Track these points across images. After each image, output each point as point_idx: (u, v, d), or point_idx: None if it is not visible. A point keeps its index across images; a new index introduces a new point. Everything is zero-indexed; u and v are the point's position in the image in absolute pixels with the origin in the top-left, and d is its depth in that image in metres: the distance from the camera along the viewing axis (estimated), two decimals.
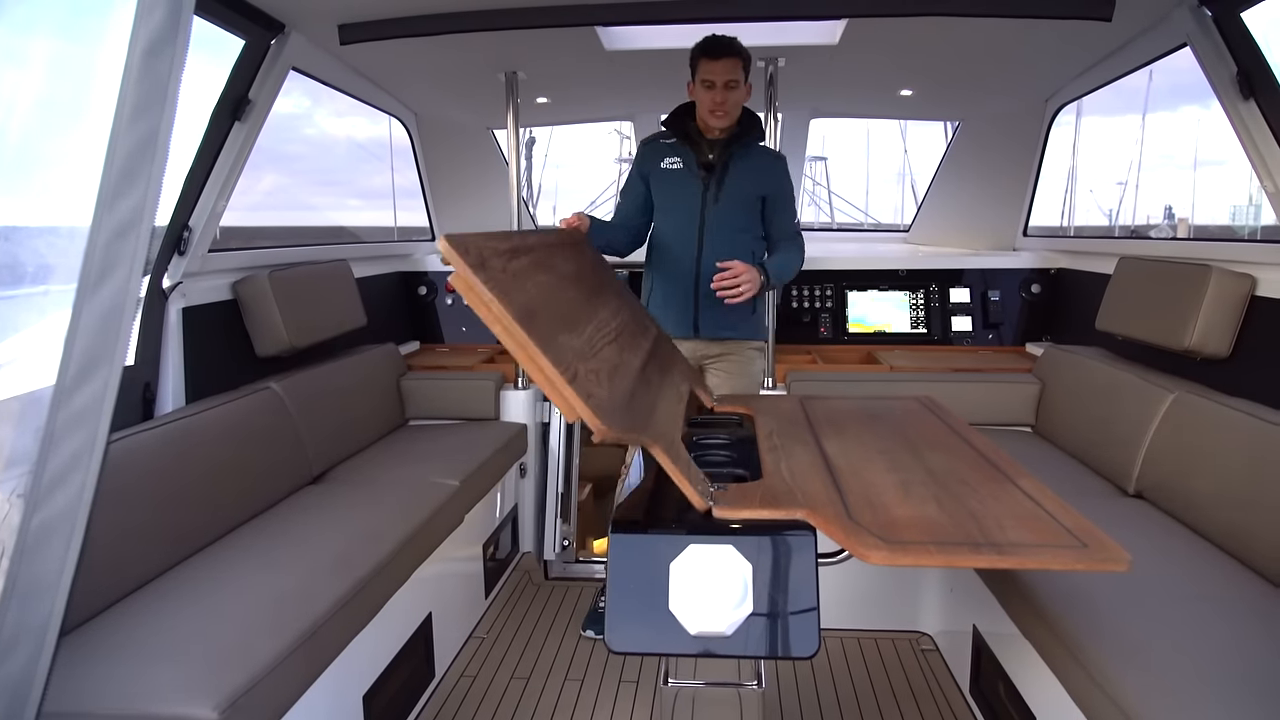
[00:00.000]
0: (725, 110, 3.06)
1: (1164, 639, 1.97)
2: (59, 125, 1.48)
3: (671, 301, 3.30)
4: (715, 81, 3.01)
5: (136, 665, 1.95)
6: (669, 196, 3.28)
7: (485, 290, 1.48)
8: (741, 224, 3.26)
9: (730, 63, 2.99)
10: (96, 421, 1.29)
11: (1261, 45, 2.61)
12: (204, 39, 2.80)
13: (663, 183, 3.28)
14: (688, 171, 3.23)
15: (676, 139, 3.25)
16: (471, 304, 1.51)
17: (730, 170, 3.20)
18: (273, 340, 3.30)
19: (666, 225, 3.30)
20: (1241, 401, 2.66)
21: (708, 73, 3.01)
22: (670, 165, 3.25)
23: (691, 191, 3.22)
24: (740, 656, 1.71)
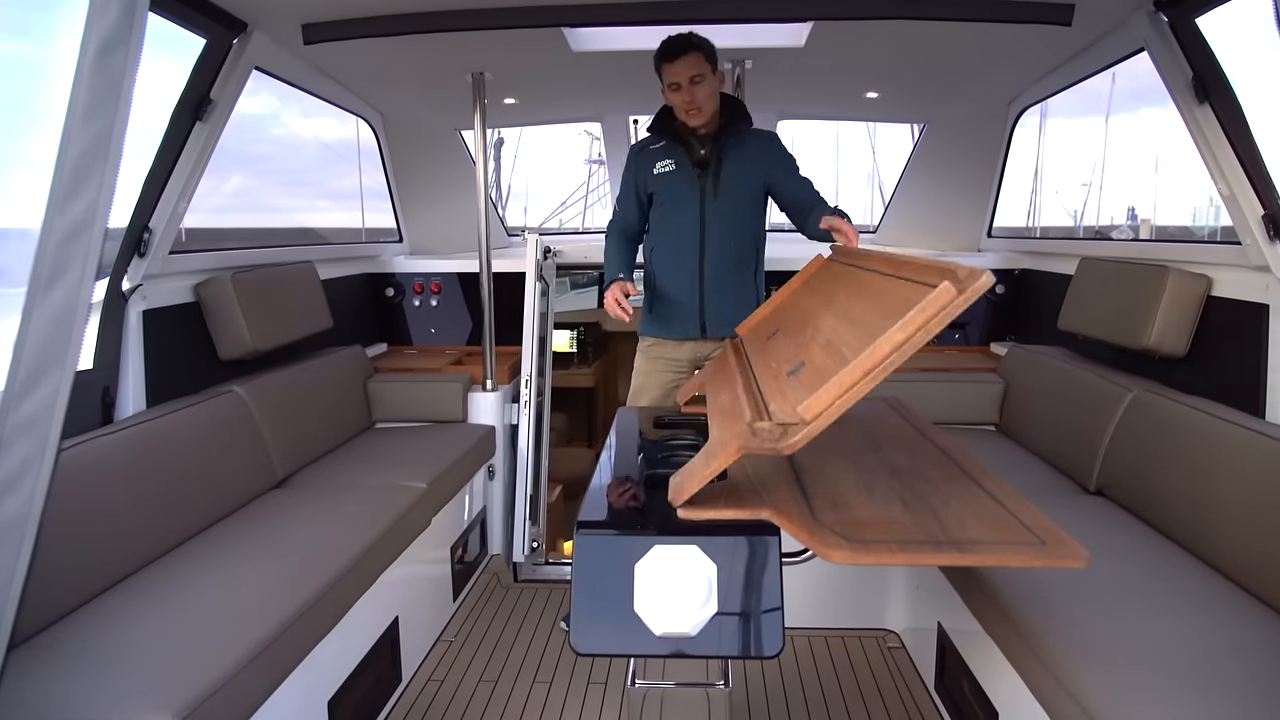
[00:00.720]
0: (698, 106, 3.02)
1: (1123, 635, 2.00)
2: (8, 125, 1.45)
3: (677, 303, 3.26)
4: (680, 82, 2.99)
5: (94, 674, 1.92)
6: (668, 200, 3.24)
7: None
8: (743, 217, 3.23)
9: (690, 59, 2.96)
10: (48, 427, 1.26)
11: (1216, 50, 2.66)
12: (166, 36, 2.76)
13: (660, 187, 3.23)
14: (682, 172, 3.19)
15: (665, 141, 3.21)
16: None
17: (725, 163, 3.16)
18: (236, 343, 3.26)
19: (667, 227, 3.26)
20: (1198, 400, 2.71)
21: (671, 75, 2.99)
22: (664, 169, 3.21)
23: (689, 191, 3.18)
24: (705, 656, 1.71)
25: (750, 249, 3.26)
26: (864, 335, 1.62)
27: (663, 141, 3.22)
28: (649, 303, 3.36)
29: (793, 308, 2.53)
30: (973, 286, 1.47)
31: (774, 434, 1.56)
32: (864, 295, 1.92)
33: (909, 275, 1.75)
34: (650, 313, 3.35)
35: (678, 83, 2.99)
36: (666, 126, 3.21)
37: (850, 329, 1.76)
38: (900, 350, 1.51)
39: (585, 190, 13.36)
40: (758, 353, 2.32)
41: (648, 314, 3.37)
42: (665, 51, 2.98)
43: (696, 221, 3.18)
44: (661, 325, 3.32)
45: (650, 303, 3.35)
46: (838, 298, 2.11)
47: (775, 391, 1.83)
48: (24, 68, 1.49)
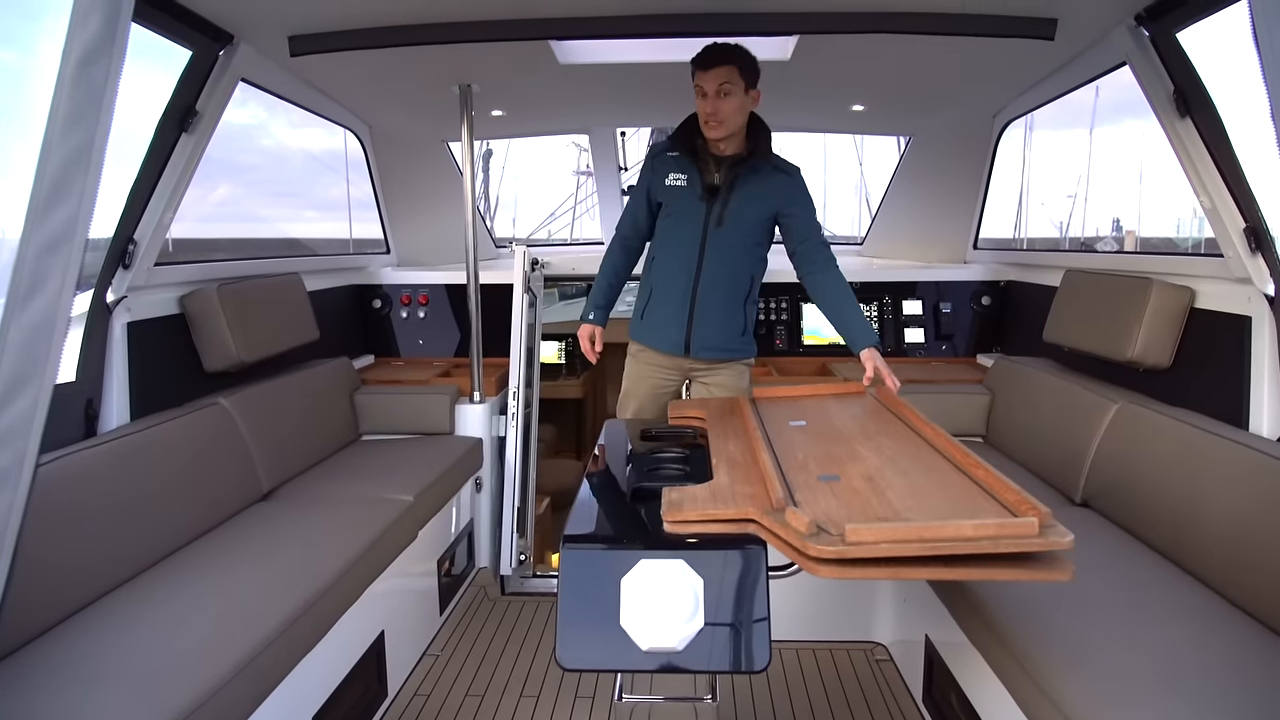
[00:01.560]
0: (718, 120, 2.97)
1: (1108, 646, 2.01)
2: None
3: (666, 318, 3.24)
4: (706, 90, 2.94)
5: (76, 690, 1.90)
6: (672, 215, 3.20)
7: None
8: (745, 247, 3.19)
9: (722, 70, 2.91)
10: (25, 440, 1.25)
11: (1197, 65, 2.69)
12: (152, 47, 2.75)
13: (667, 199, 3.19)
14: (691, 192, 3.13)
15: (681, 153, 3.16)
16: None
17: (736, 193, 3.10)
18: (221, 355, 3.24)
19: (668, 242, 3.24)
20: (1182, 411, 2.73)
21: (699, 81, 2.96)
22: (675, 182, 3.16)
23: (694, 213, 3.14)
24: (693, 671, 1.71)
25: (746, 279, 3.23)
26: (922, 503, 1.76)
27: (678, 152, 3.18)
28: (641, 308, 3.34)
29: (822, 414, 2.66)
30: (1052, 539, 1.56)
31: (809, 530, 1.63)
32: (918, 462, 2.07)
33: (985, 483, 1.87)
34: (641, 319, 3.33)
35: (704, 89, 2.95)
36: (687, 139, 3.16)
37: (900, 480, 1.91)
38: (959, 543, 1.56)
39: (574, 202, 13.36)
40: (777, 432, 2.43)
41: (639, 319, 3.35)
42: (698, 58, 2.96)
43: (696, 246, 3.15)
44: (650, 334, 3.31)
45: (643, 309, 3.33)
46: (881, 441, 2.27)
47: (801, 483, 1.94)
48: (7, 75, 1.48)
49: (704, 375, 3.34)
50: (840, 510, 1.74)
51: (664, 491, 1.88)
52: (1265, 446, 2.35)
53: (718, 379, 3.32)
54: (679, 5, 2.89)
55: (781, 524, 1.67)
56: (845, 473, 1.99)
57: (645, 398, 3.39)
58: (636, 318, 3.36)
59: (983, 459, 1.96)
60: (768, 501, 1.78)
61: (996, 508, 1.70)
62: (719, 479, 1.99)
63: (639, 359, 3.39)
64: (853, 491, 1.85)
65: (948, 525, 1.55)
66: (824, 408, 2.72)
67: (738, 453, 2.21)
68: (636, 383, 3.41)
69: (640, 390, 3.40)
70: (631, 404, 3.42)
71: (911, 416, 2.42)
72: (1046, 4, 2.79)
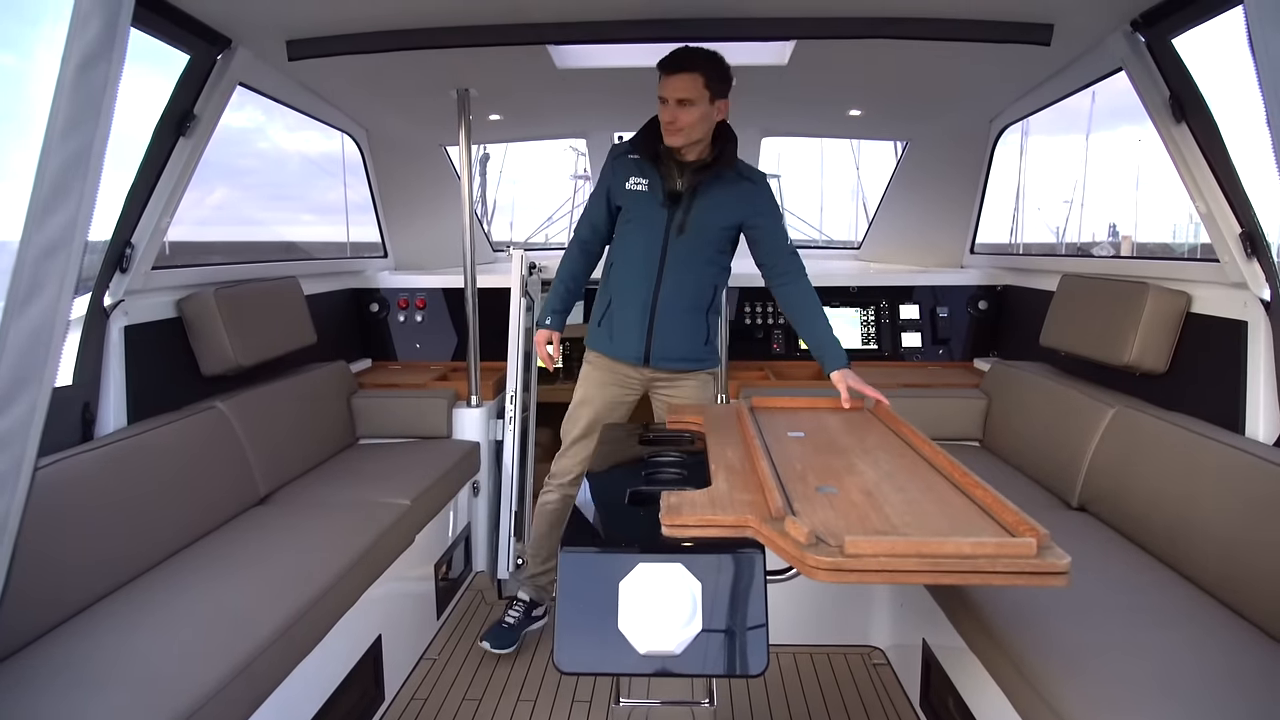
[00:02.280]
0: (677, 129, 2.86)
1: (1106, 651, 2.01)
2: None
3: (626, 328, 3.14)
4: (667, 98, 2.84)
5: (73, 692, 1.89)
6: (632, 220, 3.09)
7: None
8: (708, 256, 3.10)
9: (685, 79, 2.80)
10: (23, 444, 1.25)
11: (1193, 70, 2.70)
12: (150, 51, 2.76)
13: (628, 204, 3.08)
14: (652, 198, 3.02)
15: (643, 156, 3.04)
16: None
17: (699, 201, 3.00)
18: (218, 359, 3.24)
19: (627, 249, 3.13)
20: (1178, 415, 2.73)
21: (661, 88, 2.86)
22: (636, 186, 3.04)
23: (655, 220, 3.04)
24: (690, 675, 1.71)
25: (709, 289, 3.15)
26: (920, 519, 1.77)
27: (639, 156, 3.05)
28: (600, 315, 3.23)
29: (820, 426, 2.67)
30: (1049, 560, 1.54)
31: (808, 540, 1.63)
32: (916, 479, 2.08)
33: (983, 503, 1.86)
34: (600, 327, 3.23)
35: (664, 97, 2.86)
36: (649, 143, 3.03)
37: (898, 495, 1.93)
38: (957, 560, 1.56)
39: (571, 206, 13.37)
40: (776, 441, 2.44)
41: (597, 327, 3.24)
42: (661, 62, 2.86)
43: (657, 253, 3.05)
44: (609, 343, 3.20)
45: (601, 316, 3.22)
46: (879, 456, 2.28)
47: (799, 493, 1.95)
48: (6, 79, 1.48)
49: (665, 386, 3.25)
50: (839, 522, 1.74)
51: (662, 496, 1.88)
52: (1261, 451, 2.35)
53: (680, 391, 3.24)
54: (676, 10, 2.90)
55: (780, 533, 1.67)
56: (843, 486, 1.99)
57: (602, 408, 3.26)
58: (594, 325, 3.26)
59: (980, 467, 1.97)
60: (766, 510, 1.79)
61: (994, 527, 1.71)
62: (718, 485, 1.99)
63: (597, 367, 3.28)
64: (851, 504, 1.86)
65: (946, 542, 1.55)
66: (822, 420, 2.73)
67: (736, 460, 2.21)
68: (594, 392, 3.28)
69: (598, 400, 3.27)
70: (585, 415, 3.28)
71: (910, 434, 2.43)
72: (1043, 10, 2.80)
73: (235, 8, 2.79)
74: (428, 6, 2.83)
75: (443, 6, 2.83)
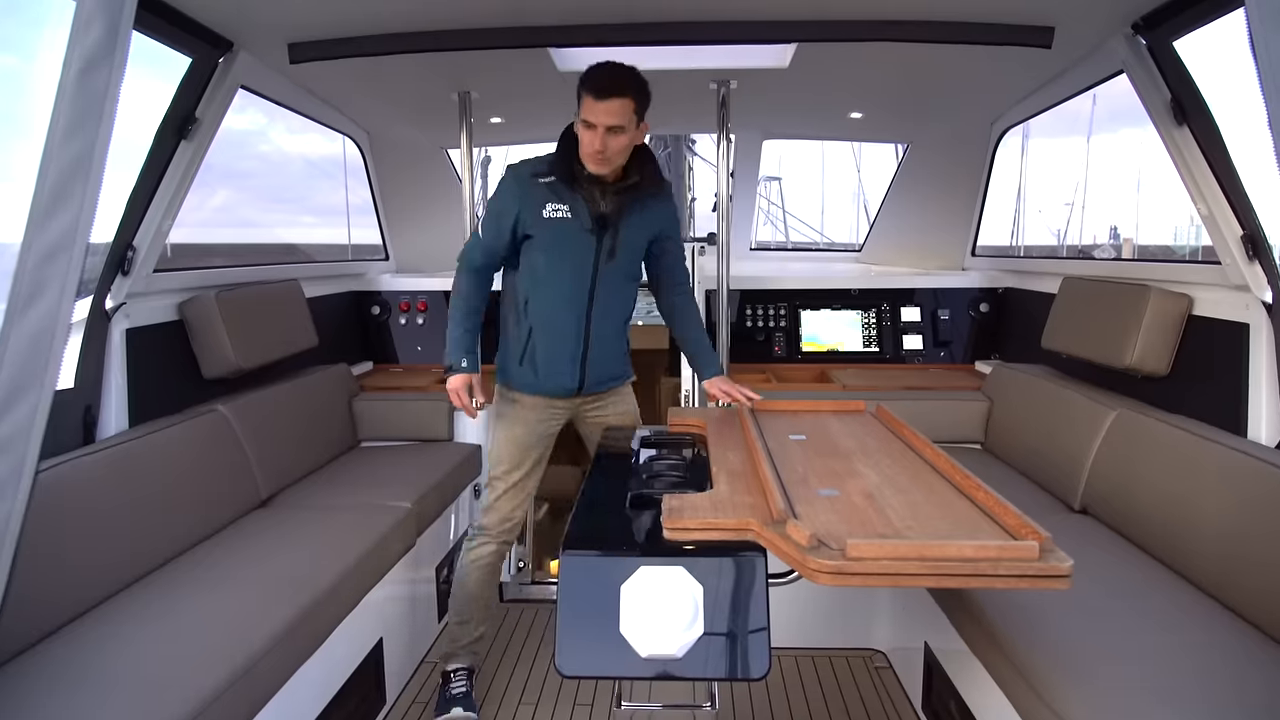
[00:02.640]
0: (605, 158, 2.67)
1: (1108, 655, 2.01)
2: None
3: (557, 360, 2.94)
4: (595, 123, 2.61)
5: (74, 696, 1.89)
6: (553, 249, 2.83)
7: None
8: (631, 275, 2.99)
9: (617, 104, 2.60)
10: (24, 447, 1.25)
11: (1194, 72, 2.70)
12: (151, 54, 2.76)
13: (545, 233, 2.81)
14: (577, 225, 2.80)
15: (558, 179, 2.78)
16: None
17: (624, 222, 2.85)
18: (220, 362, 3.24)
19: (551, 279, 2.86)
20: (1180, 418, 2.73)
21: (589, 112, 2.61)
22: (555, 214, 2.79)
23: (583, 247, 2.83)
24: (692, 679, 1.71)
25: (630, 305, 3.06)
26: (922, 522, 1.77)
27: (551, 179, 2.79)
28: (520, 352, 2.95)
29: (821, 429, 2.66)
30: (1052, 564, 1.54)
31: (810, 543, 1.63)
32: (918, 482, 2.08)
33: (985, 506, 1.86)
34: (521, 364, 2.96)
35: (593, 122, 2.62)
36: (565, 165, 2.78)
37: (900, 498, 1.93)
38: (959, 563, 1.56)
39: None
40: (777, 444, 2.43)
41: (517, 365, 2.97)
42: (596, 85, 2.61)
43: (587, 281, 2.87)
44: (535, 380, 2.97)
45: (521, 354, 2.95)
46: (881, 460, 2.28)
47: (801, 496, 1.94)
48: (9, 81, 1.48)
49: (594, 407, 3.12)
50: (840, 525, 1.74)
51: (664, 499, 1.88)
52: (1263, 454, 2.35)
53: (610, 407, 3.14)
54: (677, 14, 2.90)
55: (781, 536, 1.67)
56: (845, 489, 1.99)
57: (531, 448, 3.06)
58: (514, 363, 2.98)
59: (982, 469, 1.97)
60: (768, 513, 1.79)
61: (996, 530, 1.71)
62: (719, 488, 1.99)
63: (523, 405, 3.02)
64: (852, 507, 1.86)
65: (949, 545, 1.55)
66: (824, 423, 2.73)
67: (738, 463, 2.21)
68: (521, 432, 3.03)
69: (525, 440, 3.04)
70: (514, 458, 3.05)
71: (911, 437, 2.43)
72: (1044, 13, 2.80)
73: (237, 11, 2.79)
74: (429, 9, 2.83)
75: (444, 9, 2.84)
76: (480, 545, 3.09)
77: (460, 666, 3.10)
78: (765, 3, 2.81)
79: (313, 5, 2.77)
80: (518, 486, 3.07)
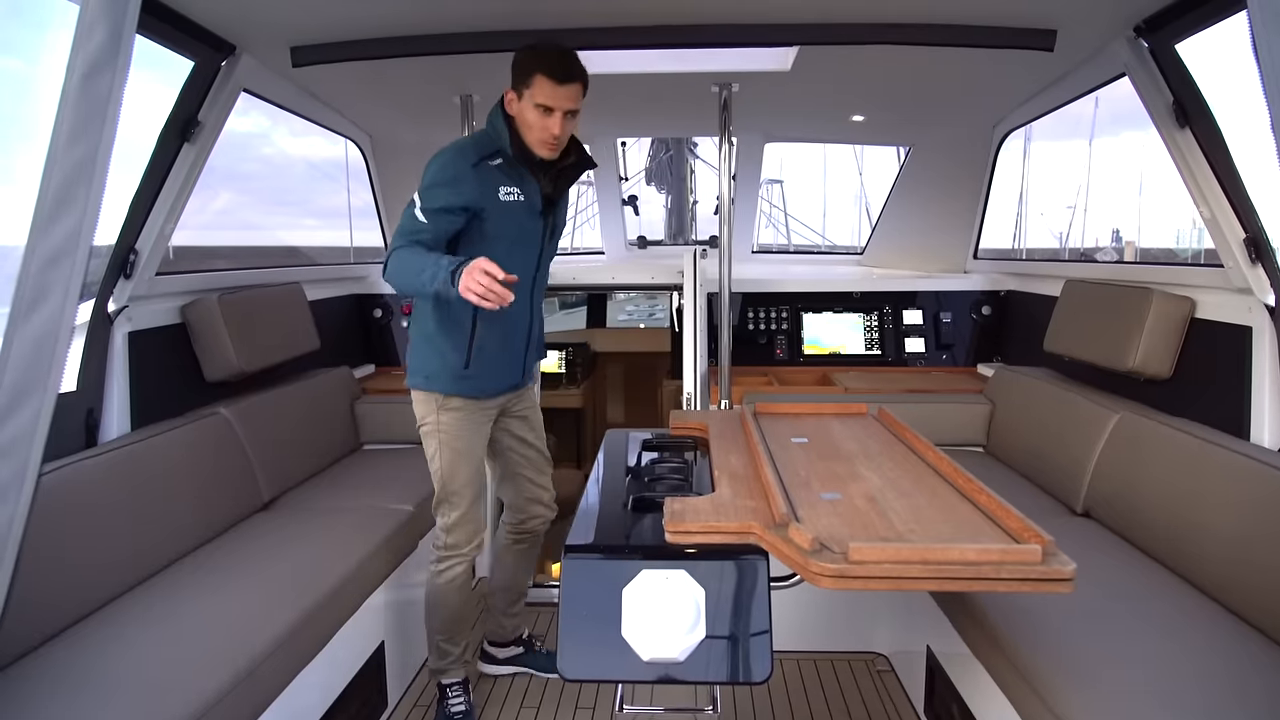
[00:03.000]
0: (559, 144, 2.67)
1: (1111, 659, 2.00)
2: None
3: (506, 356, 2.87)
4: (555, 107, 2.58)
5: (76, 699, 1.90)
6: (504, 235, 2.71)
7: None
8: (555, 253, 3.00)
9: (576, 89, 2.61)
10: (27, 451, 1.25)
11: (1196, 75, 2.70)
12: (154, 57, 2.76)
13: (500, 217, 2.69)
14: (529, 207, 2.74)
15: (505, 163, 2.68)
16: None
17: (561, 201, 2.90)
18: (222, 364, 3.25)
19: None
20: (1182, 421, 2.73)
21: (551, 97, 2.57)
22: (509, 197, 2.69)
23: (532, 232, 2.78)
24: (694, 682, 1.70)
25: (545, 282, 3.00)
26: (925, 525, 1.76)
27: (500, 161, 2.69)
28: (463, 356, 2.76)
29: (823, 432, 2.65)
30: (1055, 567, 1.53)
31: (812, 547, 1.62)
32: (921, 485, 2.07)
33: (988, 509, 1.86)
34: (468, 367, 2.77)
35: (552, 107, 2.58)
36: (521, 148, 2.69)
37: (903, 502, 1.92)
38: (962, 566, 1.56)
39: (574, 211, 13.39)
40: (779, 448, 2.43)
41: (462, 369, 2.76)
42: (557, 69, 2.56)
43: (533, 266, 2.84)
44: (482, 382, 2.84)
45: (467, 356, 2.77)
46: (883, 462, 2.27)
47: (803, 500, 1.94)
48: (13, 84, 1.49)
49: (515, 403, 3.05)
50: (843, 528, 1.74)
51: (666, 502, 1.88)
52: (1266, 457, 2.35)
53: (528, 398, 3.11)
54: (679, 17, 2.90)
55: (784, 540, 1.66)
56: (847, 492, 1.99)
57: (482, 450, 2.95)
58: (454, 369, 2.77)
59: (984, 473, 1.97)
60: (770, 516, 1.78)
61: (999, 533, 1.70)
62: (721, 491, 1.99)
63: (466, 411, 2.83)
64: (855, 511, 1.86)
65: (951, 548, 1.55)
66: (826, 426, 2.72)
67: (740, 466, 2.21)
68: (475, 443, 2.89)
69: (478, 451, 2.92)
70: (470, 472, 2.87)
71: (913, 440, 2.43)
72: (1046, 16, 2.80)
73: (240, 14, 2.80)
74: (432, 13, 2.83)
75: (447, 12, 2.84)
76: (454, 565, 2.93)
77: (455, 681, 3.06)
78: (767, 6, 2.81)
79: (315, 8, 2.77)
80: (476, 505, 2.94)
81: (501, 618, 3.33)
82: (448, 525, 2.90)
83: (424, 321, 2.81)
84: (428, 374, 2.80)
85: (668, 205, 7.49)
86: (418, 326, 2.85)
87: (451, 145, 2.71)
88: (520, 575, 3.30)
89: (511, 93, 2.67)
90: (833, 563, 1.56)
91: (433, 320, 2.77)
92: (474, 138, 2.77)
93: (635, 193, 6.44)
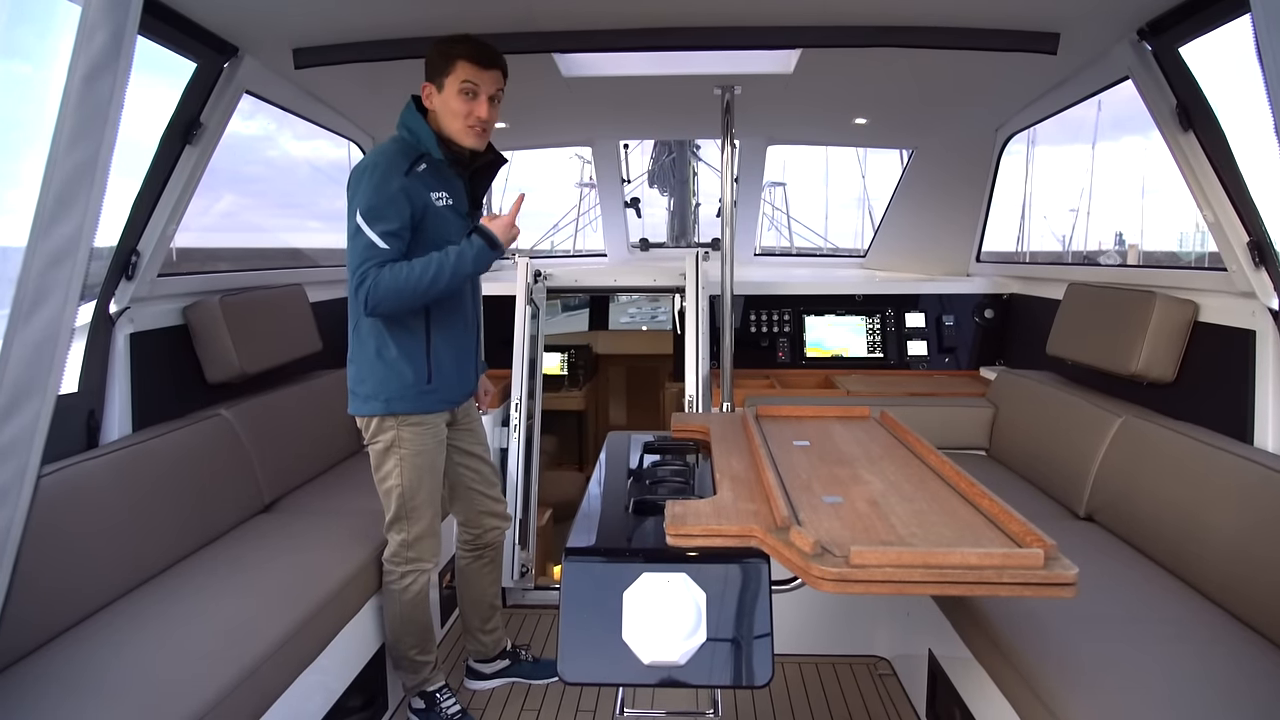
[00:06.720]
0: (487, 133, 2.63)
1: (1113, 663, 2.00)
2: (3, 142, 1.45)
3: (458, 366, 2.84)
4: (482, 92, 2.54)
5: (76, 702, 1.89)
6: (441, 239, 2.60)
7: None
8: None
9: (499, 74, 2.59)
10: (27, 453, 1.24)
11: (1199, 78, 2.69)
12: (157, 59, 2.76)
13: (435, 224, 2.61)
14: (459, 209, 2.69)
15: (429, 164, 2.61)
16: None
17: (480, 198, 2.89)
18: (223, 366, 3.25)
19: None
20: (1186, 425, 2.72)
21: (478, 81, 2.53)
22: (440, 203, 2.61)
23: (462, 233, 2.64)
24: (695, 686, 1.70)
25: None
26: (927, 529, 1.76)
27: (424, 166, 2.59)
28: (422, 371, 2.71)
29: (825, 435, 2.63)
30: (1057, 572, 1.52)
31: (813, 550, 1.62)
32: (923, 489, 2.06)
33: (990, 513, 1.84)
34: (430, 382, 2.72)
35: (476, 89, 2.54)
36: (448, 149, 2.62)
37: (905, 505, 1.91)
38: (964, 571, 1.55)
39: (576, 214, 13.38)
40: (781, 451, 2.41)
41: (425, 384, 2.71)
42: (480, 53, 2.53)
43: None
44: (446, 393, 2.81)
45: (428, 371, 2.72)
46: (885, 466, 2.25)
47: (804, 503, 1.93)
48: (16, 86, 1.48)
49: (462, 415, 3.01)
50: (844, 532, 1.73)
51: (667, 505, 1.87)
52: (1270, 461, 2.34)
53: (472, 412, 3.09)
54: (682, 19, 2.90)
55: (785, 543, 1.66)
56: (849, 495, 1.99)
57: (441, 463, 2.88)
58: (412, 386, 2.70)
59: (987, 476, 1.96)
60: (771, 519, 1.78)
61: (1001, 538, 1.70)
62: (722, 494, 1.98)
63: (426, 425, 2.76)
64: (856, 514, 1.85)
65: (953, 553, 1.54)
66: (827, 429, 2.72)
67: (741, 469, 2.20)
68: (436, 460, 2.84)
69: (437, 469, 2.86)
70: (429, 482, 2.80)
71: (916, 443, 2.42)
72: (1049, 19, 2.80)
73: (242, 16, 2.80)
74: (434, 15, 2.83)
75: (449, 15, 2.84)
76: (419, 578, 2.87)
77: (441, 684, 3.05)
78: (770, 8, 2.81)
79: (317, 10, 2.78)
80: (439, 509, 2.90)
81: (480, 635, 3.28)
82: (408, 540, 2.82)
83: (370, 343, 2.70)
84: (388, 397, 2.69)
85: (670, 208, 7.50)
86: (363, 350, 2.72)
87: (378, 158, 2.58)
88: (488, 589, 3.26)
89: (429, 85, 2.61)
90: (834, 566, 1.55)
91: (386, 338, 2.67)
92: (396, 145, 2.63)
93: (638, 195, 6.45)
